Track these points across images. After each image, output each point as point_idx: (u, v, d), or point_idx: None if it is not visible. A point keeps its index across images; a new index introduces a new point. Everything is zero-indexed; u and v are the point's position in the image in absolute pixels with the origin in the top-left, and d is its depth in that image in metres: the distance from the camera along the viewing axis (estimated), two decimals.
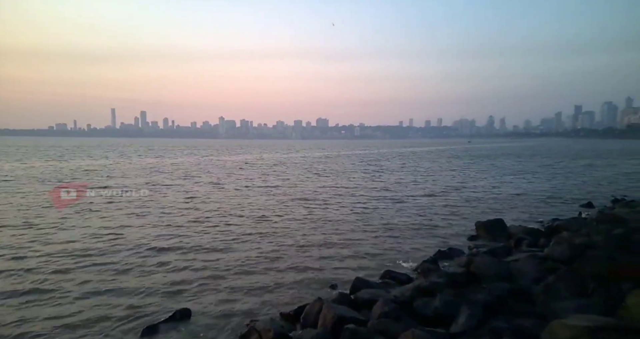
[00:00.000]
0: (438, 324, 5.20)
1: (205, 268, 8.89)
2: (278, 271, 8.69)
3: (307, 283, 7.99)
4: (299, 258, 9.56)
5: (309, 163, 45.48)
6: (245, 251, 10.15)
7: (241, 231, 12.05)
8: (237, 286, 7.84)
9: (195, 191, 20.73)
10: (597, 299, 4.76)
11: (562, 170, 34.14)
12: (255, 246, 10.57)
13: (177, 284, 7.92)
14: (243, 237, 11.40)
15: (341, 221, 13.50)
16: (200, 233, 11.84)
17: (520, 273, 6.79)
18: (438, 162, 47.16)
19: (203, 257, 9.63)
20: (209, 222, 13.35)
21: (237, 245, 10.68)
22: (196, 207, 16.05)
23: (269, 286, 7.81)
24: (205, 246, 10.52)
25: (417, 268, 8.57)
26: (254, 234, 11.76)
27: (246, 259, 9.49)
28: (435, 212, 15.20)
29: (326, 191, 20.89)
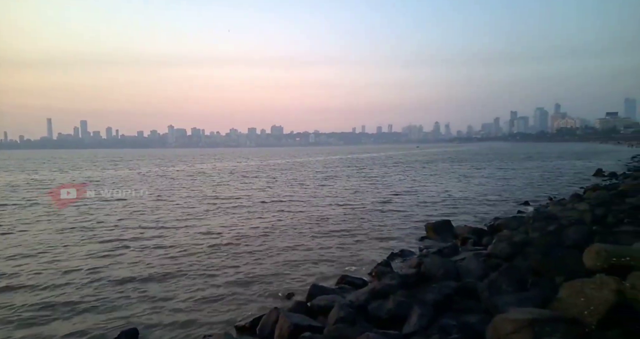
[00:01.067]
0: (392, 326, 5.31)
1: (154, 283, 8.44)
2: (232, 282, 8.45)
3: (263, 293, 7.84)
4: (254, 268, 9.37)
5: (262, 171, 45.00)
6: (195, 264, 9.77)
7: (190, 244, 11.60)
8: (188, 301, 7.51)
9: (140, 204, 19.72)
10: (535, 293, 5.12)
11: (501, 172, 36.55)
12: (206, 258, 10.21)
13: (122, 303, 7.44)
14: (192, 250, 10.98)
15: (296, 229, 13.44)
16: (147, 248, 11.26)
17: (467, 271, 7.14)
18: (389, 167, 48.65)
19: (151, 272, 9.15)
20: (155, 236, 12.73)
21: (186, 258, 10.26)
22: (141, 221, 15.25)
23: (222, 299, 7.56)
24: (153, 261, 10.01)
25: (372, 271, 8.71)
26: (203, 246, 11.36)
27: (197, 272, 9.13)
28: (388, 216, 15.60)
29: (279, 200, 20.75)
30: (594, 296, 4.05)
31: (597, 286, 4.12)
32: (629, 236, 7.23)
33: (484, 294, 5.35)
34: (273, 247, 11.15)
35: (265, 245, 11.43)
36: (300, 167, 51.58)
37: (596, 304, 3.96)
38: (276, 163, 63.01)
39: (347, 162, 63.68)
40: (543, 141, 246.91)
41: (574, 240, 7.52)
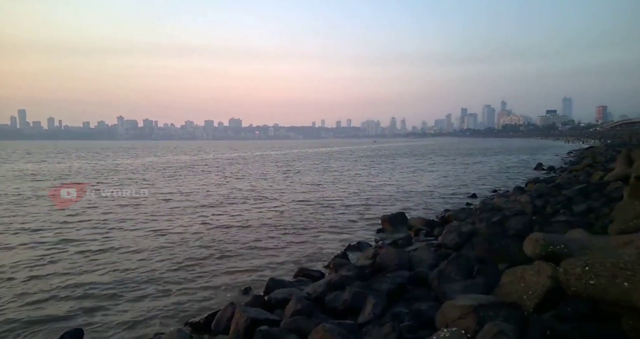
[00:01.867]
0: (348, 316, 5.43)
1: (103, 282, 8.03)
2: (186, 279, 8.22)
3: (220, 289, 7.70)
4: (210, 264, 9.17)
5: (219, 165, 43.97)
6: (146, 260, 9.41)
7: (141, 242, 11.12)
8: (139, 299, 7.22)
9: (85, 200, 18.60)
10: (480, 280, 5.44)
11: (452, 167, 38.30)
12: (159, 255, 9.84)
13: (66, 303, 7.02)
14: (143, 247, 10.54)
15: (254, 224, 13.30)
16: (93, 248, 10.66)
17: (419, 260, 7.44)
18: (348, 161, 49.35)
19: (99, 270, 8.69)
20: (101, 235, 12.08)
21: (136, 255, 9.86)
22: (84, 219, 14.39)
23: (176, 296, 7.34)
24: (101, 260, 9.52)
25: (329, 263, 8.83)
26: (156, 243, 10.95)
27: (149, 269, 8.80)
28: (346, 210, 15.84)
29: (237, 194, 20.42)
30: (533, 282, 4.38)
31: (535, 272, 4.45)
32: (563, 225, 7.86)
33: (434, 282, 5.61)
34: (230, 242, 10.97)
35: (222, 240, 11.21)
36: (259, 161, 50.95)
37: (534, 289, 4.29)
38: (234, 157, 61.79)
39: (307, 155, 63.76)
40: (490, 136, 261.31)
41: (516, 230, 8.05)
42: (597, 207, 9.87)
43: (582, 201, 11.15)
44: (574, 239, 5.07)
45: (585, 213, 9.60)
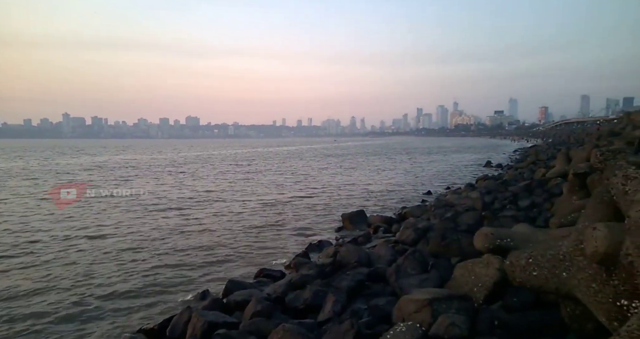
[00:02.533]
0: (308, 315, 5.45)
1: (49, 288, 7.51)
2: (140, 285, 7.87)
3: (176, 294, 7.44)
4: (167, 268, 8.84)
5: (175, 165, 42.47)
6: (96, 267, 8.92)
7: (87, 248, 10.51)
8: (89, 305, 6.84)
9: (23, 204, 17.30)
10: (434, 274, 5.67)
11: (409, 165, 39.53)
12: (109, 262, 9.36)
13: (8, 312, 6.49)
14: (89, 253, 10.01)
15: (214, 226, 13.00)
16: (42, 252, 9.95)
17: (378, 257, 7.61)
18: (309, 160, 49.45)
19: (48, 277, 8.11)
20: (48, 238, 11.30)
21: (85, 261, 9.32)
22: (24, 226, 13.40)
23: (130, 303, 7.02)
24: (46, 264, 8.90)
25: (290, 263, 8.81)
26: (103, 249, 10.39)
27: (99, 276, 8.34)
28: (308, 209, 15.88)
29: (196, 195, 19.83)
30: (482, 274, 4.62)
31: (484, 265, 4.70)
32: (510, 220, 8.37)
33: (392, 277, 5.77)
34: (187, 246, 10.62)
35: (178, 244, 10.83)
36: (217, 160, 49.75)
37: (483, 281, 4.53)
38: (191, 156, 59.89)
39: (268, 154, 63.14)
40: (444, 136, 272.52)
41: (467, 225, 8.45)
42: (539, 202, 10.58)
43: (527, 197, 11.92)
44: (519, 233, 5.40)
45: (529, 208, 10.26)
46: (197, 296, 7.10)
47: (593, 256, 2.92)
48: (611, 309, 2.86)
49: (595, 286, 3.00)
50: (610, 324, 2.86)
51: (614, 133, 20.73)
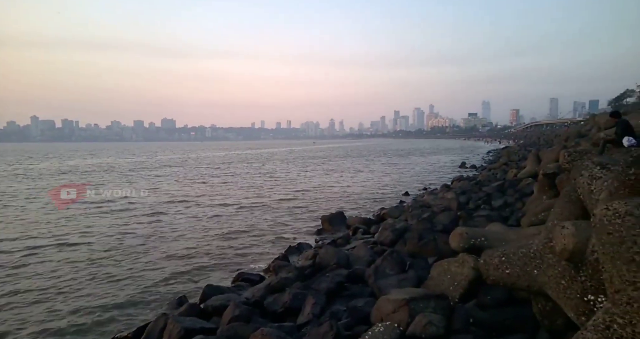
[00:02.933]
0: (288, 318, 5.42)
1: (15, 302, 7.17)
2: (114, 292, 7.64)
3: (152, 301, 7.26)
4: (143, 275, 8.61)
5: (149, 168, 41.48)
6: (68, 273, 8.60)
7: (60, 254, 10.18)
8: (59, 312, 6.58)
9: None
10: (412, 274, 5.74)
11: (387, 166, 40.01)
12: (83, 268, 9.06)
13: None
14: (61, 260, 9.67)
15: (189, 230, 12.75)
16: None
17: (357, 258, 7.66)
18: (288, 162, 49.29)
19: (18, 286, 7.75)
20: (7, 248, 10.82)
21: (52, 267, 8.98)
22: None
23: (103, 311, 6.78)
24: (12, 272, 8.50)
25: (269, 266, 8.73)
26: (75, 255, 10.06)
27: (73, 283, 8.05)
28: (287, 211, 15.81)
29: (174, 199, 19.42)
30: (457, 273, 4.72)
31: (459, 264, 4.80)
32: (484, 219, 8.59)
33: (371, 278, 5.81)
34: (164, 251, 10.39)
35: (155, 249, 10.59)
36: (194, 164, 48.91)
37: (459, 280, 4.62)
38: (166, 159, 58.64)
39: (247, 157, 62.54)
40: (421, 137, 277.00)
41: (443, 225, 8.62)
42: (512, 202, 10.91)
43: (500, 196, 12.27)
44: (493, 232, 5.55)
45: (502, 208, 10.57)
46: (174, 303, 6.94)
47: (562, 254, 3.03)
48: (579, 305, 2.97)
49: (564, 283, 3.11)
50: (578, 319, 2.97)
51: (581, 135, 21.64)
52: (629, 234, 2.47)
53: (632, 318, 2.28)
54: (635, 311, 2.26)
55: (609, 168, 3.52)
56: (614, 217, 2.57)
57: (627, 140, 8.11)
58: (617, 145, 8.37)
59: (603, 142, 8.96)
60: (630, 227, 2.50)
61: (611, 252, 2.49)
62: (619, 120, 8.87)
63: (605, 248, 2.55)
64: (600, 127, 17.85)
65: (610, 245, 2.52)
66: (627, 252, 2.41)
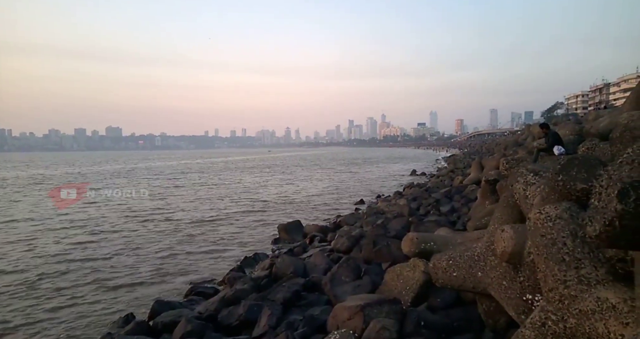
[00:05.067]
0: (243, 331, 5.30)
1: None
2: (55, 311, 7.05)
3: (94, 319, 6.78)
4: (85, 292, 8.04)
5: (89, 179, 38.95)
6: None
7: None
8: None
9: None
10: (367, 280, 5.85)
11: (342, 174, 40.62)
12: (20, 284, 8.28)
13: None
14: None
15: (136, 244, 12.11)
16: None
17: (314, 266, 7.66)
18: (242, 172, 48.45)
19: None
20: None
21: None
22: None
23: (41, 333, 6.22)
24: None
25: (224, 278, 8.49)
26: (11, 272, 9.20)
27: (8, 303, 7.32)
28: (242, 221, 15.51)
29: (120, 210, 18.35)
30: (409, 277, 4.88)
31: (411, 268, 4.97)
32: (433, 224, 8.95)
33: (327, 286, 5.84)
34: (108, 265, 9.78)
35: (98, 263, 9.93)
36: (142, 174, 46.60)
37: (410, 284, 4.79)
38: (111, 169, 55.38)
39: (199, 167, 60.61)
40: (374, 146, 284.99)
41: (396, 231, 8.87)
42: (458, 207, 11.49)
43: (447, 202, 12.88)
44: (441, 236, 5.82)
45: (450, 213, 11.09)
46: (120, 321, 6.53)
47: (502, 256, 3.25)
48: (519, 304, 3.19)
49: (505, 283, 3.33)
50: (518, 317, 3.19)
51: (518, 144, 23.34)
52: (559, 236, 2.71)
53: (564, 314, 2.49)
54: (566, 308, 2.47)
55: (541, 175, 3.83)
56: (546, 220, 2.80)
57: (557, 149, 8.89)
58: (549, 154, 9.14)
59: (536, 151, 9.73)
60: (561, 229, 2.74)
61: (544, 253, 2.72)
62: (550, 131, 9.71)
63: (539, 249, 2.77)
64: (534, 136, 19.40)
65: (543, 246, 2.74)
66: (558, 253, 2.64)
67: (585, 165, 3.04)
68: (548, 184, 3.27)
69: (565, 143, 9.28)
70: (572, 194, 3.00)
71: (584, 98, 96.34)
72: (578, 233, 2.65)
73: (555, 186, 3.11)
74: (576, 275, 2.48)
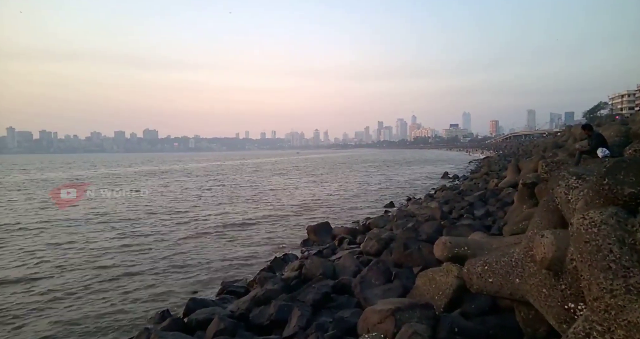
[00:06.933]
0: (274, 331, 5.36)
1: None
2: (93, 307, 7.41)
3: (133, 315, 7.08)
4: (123, 287, 8.42)
5: (132, 179, 40.70)
6: (44, 283, 8.31)
7: (29, 267, 9.85)
8: (39, 326, 6.33)
9: None
10: (397, 284, 5.77)
11: (373, 177, 40.30)
12: (64, 280, 8.78)
13: None
14: (33, 272, 9.41)
15: (171, 242, 12.54)
16: None
17: (343, 268, 7.64)
18: (271, 173, 49.10)
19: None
20: None
21: (26, 281, 8.66)
22: None
23: (81, 328, 6.57)
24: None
25: (255, 278, 8.63)
26: (59, 267, 9.75)
27: (46, 298, 7.77)
28: (272, 222, 15.73)
29: (151, 210, 19.07)
30: (442, 282, 4.77)
31: (444, 273, 4.85)
32: (467, 228, 8.71)
33: (357, 289, 5.80)
34: (147, 262, 10.18)
35: (136, 262, 10.35)
36: (179, 174, 48.22)
37: (443, 289, 4.67)
38: (147, 170, 57.66)
39: (229, 168, 62.01)
40: (404, 148, 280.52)
41: (427, 234, 8.70)
42: (493, 211, 11.12)
43: (482, 206, 12.49)
44: (476, 241, 5.65)
45: (484, 217, 10.75)
46: (157, 317, 6.78)
47: (542, 262, 3.11)
48: (560, 313, 3.04)
49: (545, 291, 3.19)
50: (559, 326, 3.04)
51: (558, 146, 22.33)
52: (605, 242, 2.57)
53: (610, 325, 2.36)
54: (613, 319, 2.34)
55: (585, 179, 3.65)
56: (591, 226, 2.67)
57: (601, 151, 8.43)
58: (592, 156, 8.68)
59: (579, 153, 9.27)
60: (606, 236, 2.60)
61: (588, 260, 2.58)
62: (593, 132, 9.22)
63: (583, 257, 2.64)
64: (576, 137, 18.49)
65: (587, 254, 2.61)
66: (604, 260, 2.50)
67: (633, 168, 2.87)
68: (592, 188, 3.10)
69: (610, 146, 8.79)
70: (618, 199, 2.85)
71: (630, 98, 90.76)
72: (626, 240, 2.51)
73: (601, 190, 2.96)
74: (624, 284, 2.34)
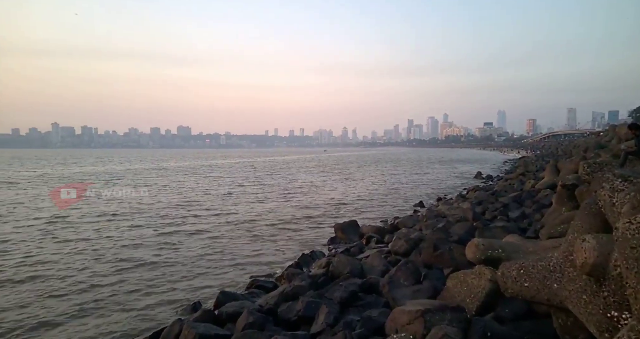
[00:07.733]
0: (301, 326, 5.41)
1: (29, 303, 7.34)
2: (128, 297, 7.74)
3: (166, 305, 7.34)
4: (155, 279, 8.73)
5: (167, 174, 42.16)
6: (83, 275, 8.76)
7: (71, 255, 10.41)
8: (73, 317, 6.69)
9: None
10: (427, 285, 5.67)
11: (401, 176, 39.75)
12: (98, 271, 9.22)
13: None
14: (76, 261, 9.91)
15: (202, 237, 12.88)
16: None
17: (370, 267, 7.60)
18: (299, 170, 49.44)
19: (24, 292, 7.94)
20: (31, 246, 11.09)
21: (73, 270, 9.15)
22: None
23: (117, 316, 6.88)
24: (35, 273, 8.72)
25: (282, 274, 8.74)
26: (91, 257, 10.26)
27: (86, 286, 8.20)
28: (300, 219, 15.83)
29: (189, 205, 19.68)
30: (474, 285, 4.64)
31: (476, 276, 4.72)
32: (501, 231, 8.43)
33: (385, 288, 5.75)
34: (179, 256, 10.51)
35: (170, 254, 10.71)
36: (209, 170, 49.51)
37: (475, 292, 4.55)
38: (181, 166, 59.53)
39: (259, 165, 62.99)
40: (435, 146, 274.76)
41: (458, 235, 8.48)
42: (529, 213, 10.70)
43: (517, 207, 12.04)
44: (510, 243, 5.46)
45: (519, 219, 10.37)
46: (188, 308, 7.02)
47: (583, 268, 2.97)
48: (602, 321, 2.89)
49: (586, 298, 3.04)
50: (601, 335, 2.90)
51: (601, 146, 21.18)
52: None
53: None
54: None
55: (632, 181, 3.44)
56: (638, 231, 2.51)
57: None
58: (639, 157, 8.18)
59: (624, 154, 8.76)
60: None
61: (635, 267, 2.44)
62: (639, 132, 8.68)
63: (629, 263, 2.49)
64: (620, 138, 17.46)
65: (634, 260, 2.46)
66: None
67: None
68: None
69: None
70: None
71: None
72: None
73: None
74: None
